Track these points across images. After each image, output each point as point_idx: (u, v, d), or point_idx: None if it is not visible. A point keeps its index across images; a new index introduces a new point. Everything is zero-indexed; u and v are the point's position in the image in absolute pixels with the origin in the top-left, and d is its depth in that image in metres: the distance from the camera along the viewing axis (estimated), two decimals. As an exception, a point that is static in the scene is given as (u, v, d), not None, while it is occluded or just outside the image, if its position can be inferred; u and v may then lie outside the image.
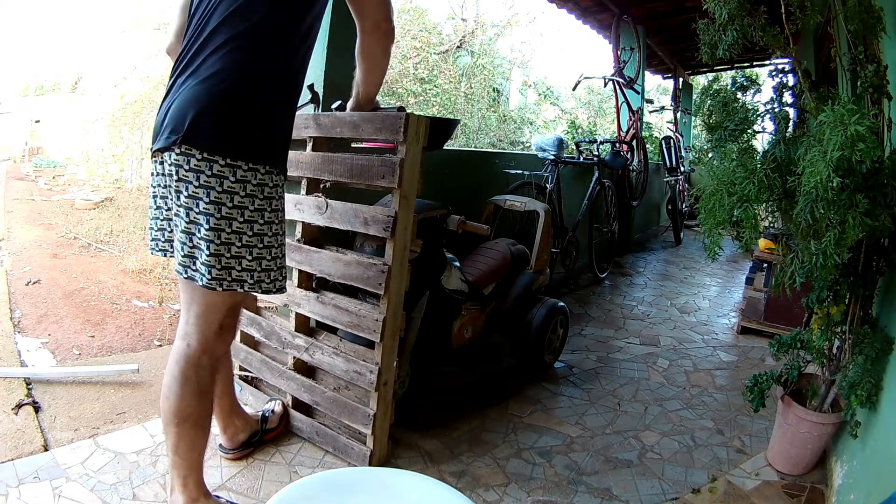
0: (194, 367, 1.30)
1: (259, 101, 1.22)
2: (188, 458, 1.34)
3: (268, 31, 1.22)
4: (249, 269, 1.24)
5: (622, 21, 4.97)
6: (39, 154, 9.39)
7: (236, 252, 1.22)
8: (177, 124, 1.17)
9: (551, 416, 2.11)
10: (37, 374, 2.09)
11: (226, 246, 1.20)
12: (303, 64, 1.34)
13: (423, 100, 7.58)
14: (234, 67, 1.19)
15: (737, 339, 3.11)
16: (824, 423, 1.74)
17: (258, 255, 1.24)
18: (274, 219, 1.26)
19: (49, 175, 7.66)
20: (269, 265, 1.27)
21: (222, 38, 1.19)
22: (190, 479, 1.35)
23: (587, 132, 8.23)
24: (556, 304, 2.45)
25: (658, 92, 10.88)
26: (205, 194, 1.17)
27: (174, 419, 1.31)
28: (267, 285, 1.28)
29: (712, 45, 1.62)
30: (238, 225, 1.21)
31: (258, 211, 1.23)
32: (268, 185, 1.23)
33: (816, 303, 1.65)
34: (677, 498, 1.68)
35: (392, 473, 1.11)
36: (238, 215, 1.20)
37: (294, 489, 0.93)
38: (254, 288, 1.26)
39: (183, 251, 1.23)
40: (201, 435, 1.35)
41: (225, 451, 1.68)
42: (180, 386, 1.30)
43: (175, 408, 1.30)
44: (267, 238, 1.25)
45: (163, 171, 1.24)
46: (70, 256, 4.02)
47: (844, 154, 1.23)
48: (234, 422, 1.66)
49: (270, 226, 1.26)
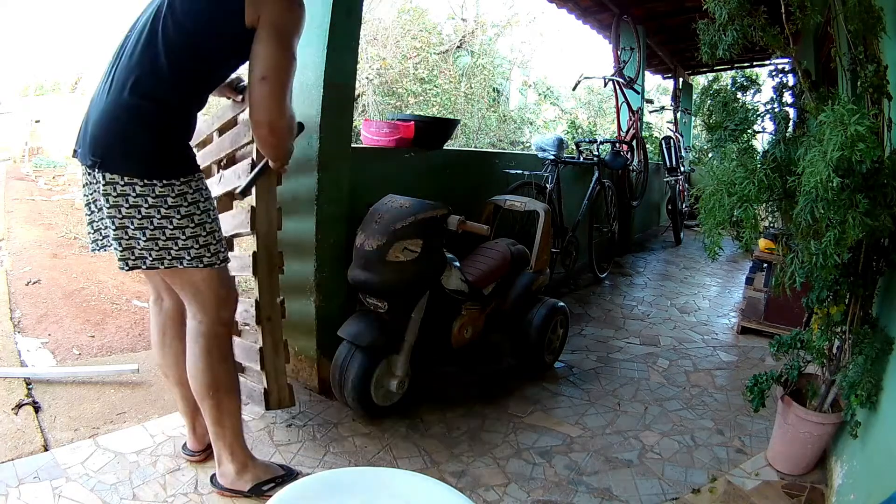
0: (212, 338, 1.41)
1: (165, 126, 1.31)
2: (230, 425, 1.46)
3: (173, 75, 1.30)
4: (186, 247, 1.34)
5: (622, 21, 4.97)
6: (39, 154, 9.39)
7: (170, 234, 1.32)
8: (95, 147, 1.28)
9: (551, 416, 2.11)
10: (37, 374, 2.09)
11: (160, 230, 1.32)
12: (211, 87, 1.43)
13: (423, 100, 7.58)
14: (145, 96, 1.28)
15: (737, 339, 3.11)
16: (824, 423, 1.74)
17: (192, 233, 1.34)
18: (199, 198, 1.36)
19: (49, 175, 7.66)
20: (208, 240, 1.37)
21: (130, 75, 1.28)
22: (236, 447, 1.48)
23: (587, 132, 8.23)
24: (556, 304, 2.45)
25: (658, 92, 10.88)
26: (117, 212, 1.29)
27: (208, 391, 1.41)
28: (209, 259, 1.37)
29: (712, 45, 1.62)
30: (158, 222, 1.31)
31: (170, 213, 1.32)
32: (189, 192, 1.34)
33: (816, 303, 1.64)
34: (677, 498, 1.68)
35: (392, 473, 1.11)
36: (156, 223, 1.31)
37: (294, 489, 0.93)
38: (192, 263, 1.35)
39: (119, 246, 1.33)
40: (236, 399, 1.48)
41: (190, 454, 1.64)
42: (205, 359, 1.40)
43: (206, 381, 1.41)
44: (197, 217, 1.35)
45: (91, 181, 1.35)
46: (70, 256, 4.03)
47: (844, 154, 1.23)
48: (202, 418, 1.58)
49: (191, 217, 1.34)
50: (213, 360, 1.41)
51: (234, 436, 1.48)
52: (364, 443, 1.85)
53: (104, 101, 1.30)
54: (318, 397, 2.11)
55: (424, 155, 2.53)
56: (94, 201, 1.39)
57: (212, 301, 1.41)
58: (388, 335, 1.89)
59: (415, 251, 1.84)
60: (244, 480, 1.49)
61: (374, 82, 6.95)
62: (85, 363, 2.33)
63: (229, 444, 1.47)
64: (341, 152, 2.05)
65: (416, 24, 7.68)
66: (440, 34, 8.30)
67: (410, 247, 1.83)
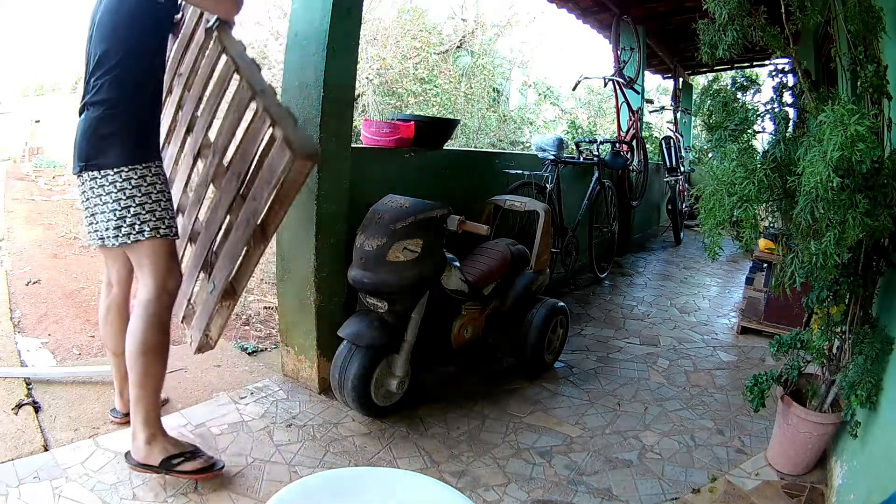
0: (156, 303, 1.57)
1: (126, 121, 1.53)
2: (152, 388, 1.57)
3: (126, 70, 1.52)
4: (145, 220, 1.55)
5: (622, 21, 4.97)
6: (39, 154, 9.39)
7: (135, 212, 1.54)
8: (80, 155, 1.54)
9: (551, 416, 2.11)
10: (37, 374, 2.09)
11: (127, 209, 1.53)
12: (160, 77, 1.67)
13: (423, 100, 7.57)
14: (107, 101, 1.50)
15: (737, 339, 3.11)
16: (824, 423, 1.74)
17: (150, 208, 1.55)
18: (152, 190, 1.57)
19: (49, 175, 7.66)
20: (163, 214, 1.57)
21: (97, 81, 1.51)
22: (151, 414, 1.57)
23: (587, 132, 8.23)
24: (556, 304, 2.45)
25: (658, 92, 10.88)
26: (92, 204, 1.56)
27: (140, 351, 1.54)
28: (164, 230, 1.57)
29: (712, 45, 1.62)
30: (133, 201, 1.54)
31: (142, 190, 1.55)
32: (149, 175, 1.56)
33: (816, 303, 1.64)
34: (677, 498, 1.68)
35: (392, 473, 1.11)
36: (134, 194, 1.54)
37: (294, 489, 0.93)
38: (153, 234, 1.56)
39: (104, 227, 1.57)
40: (162, 367, 1.60)
41: (117, 415, 1.82)
42: (144, 323, 1.55)
43: (140, 341, 1.54)
44: (154, 195, 1.56)
45: (84, 188, 1.58)
46: (70, 256, 4.02)
47: (844, 154, 1.23)
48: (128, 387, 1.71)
49: (150, 195, 1.56)
50: (150, 325, 1.55)
51: (151, 404, 1.57)
52: (364, 443, 1.85)
53: (80, 114, 1.56)
54: (319, 397, 2.11)
55: (424, 155, 2.53)
56: (86, 199, 1.60)
57: (161, 270, 1.58)
58: (389, 335, 1.89)
59: (415, 251, 1.84)
60: (155, 453, 1.55)
61: (374, 82, 6.94)
62: (85, 363, 2.33)
63: (145, 408, 1.56)
64: (341, 152, 2.05)
65: (416, 24, 7.67)
66: (440, 34, 8.29)
67: (410, 247, 1.83)
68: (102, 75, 1.50)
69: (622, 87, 4.99)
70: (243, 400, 2.06)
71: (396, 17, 7.54)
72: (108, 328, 1.80)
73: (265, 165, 1.59)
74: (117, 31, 1.50)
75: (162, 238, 1.58)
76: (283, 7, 6.18)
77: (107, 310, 1.80)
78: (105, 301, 1.81)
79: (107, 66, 1.50)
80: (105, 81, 1.50)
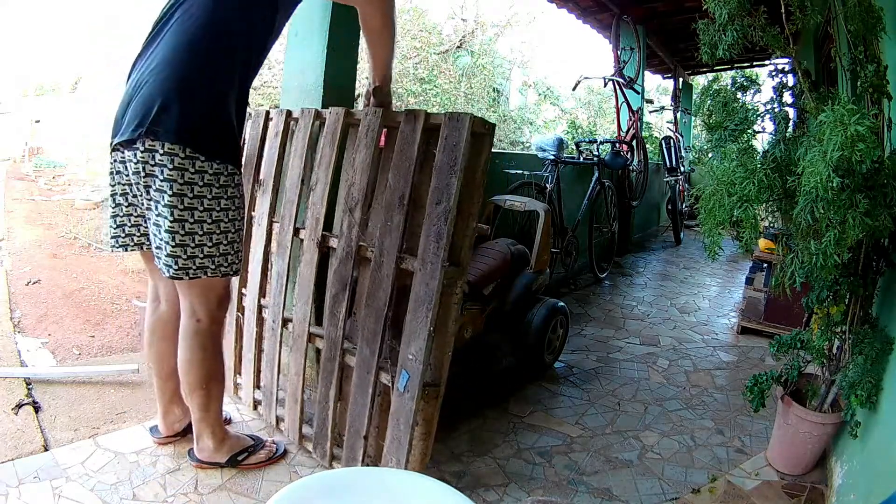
0: (209, 336, 1.48)
1: (214, 94, 1.30)
2: (215, 409, 1.57)
3: (217, 32, 1.29)
4: (210, 255, 1.36)
5: (622, 21, 4.97)
6: (39, 154, 9.38)
7: (199, 241, 1.33)
8: (142, 118, 1.24)
9: (551, 416, 2.11)
10: (37, 374, 2.09)
11: (190, 236, 1.32)
12: (254, 60, 1.40)
13: (423, 100, 7.58)
14: (190, 65, 1.26)
15: (737, 339, 3.11)
16: (824, 423, 1.74)
17: (217, 240, 1.36)
18: (231, 206, 1.37)
19: (49, 175, 7.65)
20: (227, 249, 1.39)
21: (177, 38, 1.27)
22: (217, 427, 1.59)
23: (587, 132, 8.22)
24: (556, 304, 2.45)
25: (658, 92, 10.88)
26: (168, 187, 1.27)
27: (202, 383, 1.50)
28: (225, 269, 1.41)
29: (712, 45, 1.62)
30: (199, 214, 1.32)
31: (215, 199, 1.33)
32: (223, 175, 1.33)
33: (816, 303, 1.64)
34: (677, 498, 1.68)
35: (392, 473, 1.11)
36: (198, 205, 1.31)
37: (294, 489, 0.93)
38: (216, 273, 1.39)
39: (155, 243, 1.35)
40: (222, 387, 1.59)
41: (158, 435, 1.72)
42: (200, 354, 1.48)
43: (201, 374, 1.49)
44: (223, 224, 1.36)
45: (124, 169, 1.35)
46: (70, 256, 4.02)
47: (844, 154, 1.23)
48: (174, 409, 1.70)
49: (227, 212, 1.36)
50: (207, 355, 1.49)
51: (216, 418, 1.59)
52: (364, 443, 1.85)
53: (153, 68, 1.26)
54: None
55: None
56: (123, 193, 1.40)
57: (214, 302, 1.47)
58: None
59: (415, 251, 1.83)
60: (221, 453, 1.61)
61: (374, 82, 6.95)
62: (85, 363, 2.33)
63: (211, 424, 1.58)
64: (341, 152, 2.05)
65: (416, 24, 7.68)
66: (440, 34, 8.30)
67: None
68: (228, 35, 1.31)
69: (622, 87, 4.99)
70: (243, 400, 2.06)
71: (396, 17, 7.54)
72: (153, 350, 1.63)
73: (445, 149, 1.36)
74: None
75: (223, 276, 1.43)
76: (283, 7, 6.16)
77: (152, 330, 1.63)
78: (151, 318, 1.63)
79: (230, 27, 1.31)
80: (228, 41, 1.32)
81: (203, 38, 1.28)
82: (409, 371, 1.38)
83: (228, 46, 1.32)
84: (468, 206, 1.37)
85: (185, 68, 1.26)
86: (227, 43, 1.32)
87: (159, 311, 1.61)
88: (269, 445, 1.70)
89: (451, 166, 1.35)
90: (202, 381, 1.50)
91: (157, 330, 1.62)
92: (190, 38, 1.28)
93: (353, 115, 1.66)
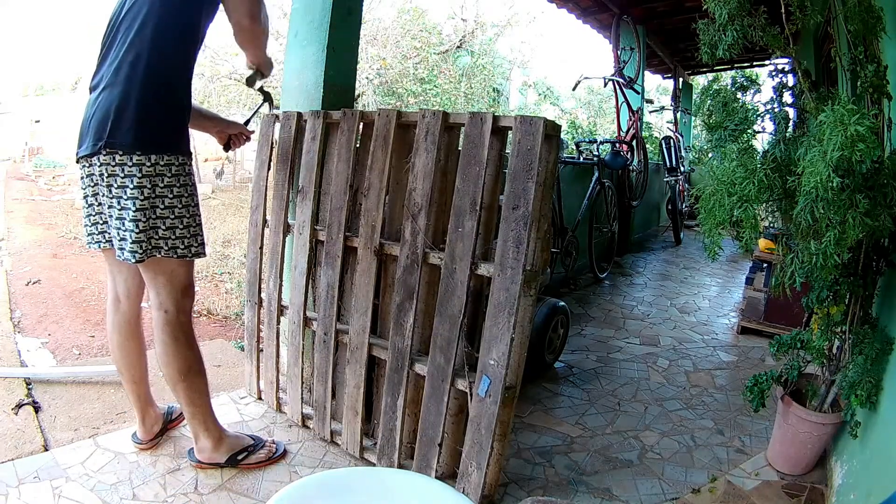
0: (177, 326, 1.51)
1: (162, 101, 1.41)
2: (202, 403, 1.58)
3: (161, 44, 1.39)
4: (170, 238, 1.44)
5: (622, 21, 4.97)
6: (39, 154, 9.39)
7: (163, 225, 1.43)
8: (99, 132, 1.37)
9: (551, 416, 2.11)
10: (37, 374, 2.09)
11: (153, 221, 1.41)
12: (192, 61, 1.51)
13: (423, 100, 7.58)
14: (139, 77, 1.37)
15: (737, 339, 3.11)
16: (824, 423, 1.74)
17: (172, 224, 1.44)
18: (184, 192, 1.45)
19: (49, 175, 7.66)
20: (184, 233, 1.46)
21: (128, 55, 1.37)
22: (210, 422, 1.60)
23: (587, 132, 8.23)
24: (556, 304, 2.45)
25: (658, 92, 10.89)
26: (129, 182, 1.38)
27: (180, 376, 1.52)
28: (182, 251, 1.47)
29: (712, 45, 1.62)
30: (160, 202, 1.41)
31: (169, 187, 1.42)
32: (174, 165, 1.43)
33: (816, 303, 1.64)
34: (677, 498, 1.68)
35: (392, 473, 1.11)
36: (158, 193, 1.41)
37: (294, 489, 0.93)
38: (183, 254, 1.47)
39: (119, 236, 1.43)
40: (204, 381, 1.59)
41: (139, 442, 1.69)
42: (173, 346, 1.51)
43: (178, 366, 1.52)
44: (178, 209, 1.45)
45: (91, 173, 1.45)
46: (70, 256, 4.03)
47: (844, 154, 1.22)
48: (150, 411, 1.70)
49: (181, 199, 1.45)
50: (181, 346, 1.51)
51: (206, 413, 1.60)
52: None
53: (105, 85, 1.38)
54: (318, 397, 2.11)
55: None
56: (94, 194, 1.48)
57: (179, 291, 1.51)
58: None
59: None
60: (220, 453, 1.61)
61: (374, 82, 6.94)
62: (85, 363, 2.33)
63: (202, 420, 1.59)
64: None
65: (416, 24, 7.67)
66: (440, 34, 8.30)
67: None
68: (164, 42, 1.41)
69: (622, 87, 4.99)
70: (243, 400, 2.06)
71: (396, 17, 7.53)
72: (121, 353, 1.63)
73: (519, 154, 1.34)
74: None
75: (182, 258, 1.47)
76: (284, 7, 6.18)
77: (117, 331, 1.62)
78: (113, 318, 1.63)
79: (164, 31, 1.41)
80: (166, 49, 1.42)
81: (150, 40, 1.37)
82: (491, 376, 1.37)
83: (176, 42, 1.41)
84: (540, 209, 1.38)
85: (134, 78, 1.36)
86: (174, 37, 1.41)
87: (121, 310, 1.63)
88: (269, 445, 1.71)
89: (528, 171, 1.34)
90: (181, 373, 1.52)
91: (122, 329, 1.63)
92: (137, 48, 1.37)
93: (404, 115, 1.61)
